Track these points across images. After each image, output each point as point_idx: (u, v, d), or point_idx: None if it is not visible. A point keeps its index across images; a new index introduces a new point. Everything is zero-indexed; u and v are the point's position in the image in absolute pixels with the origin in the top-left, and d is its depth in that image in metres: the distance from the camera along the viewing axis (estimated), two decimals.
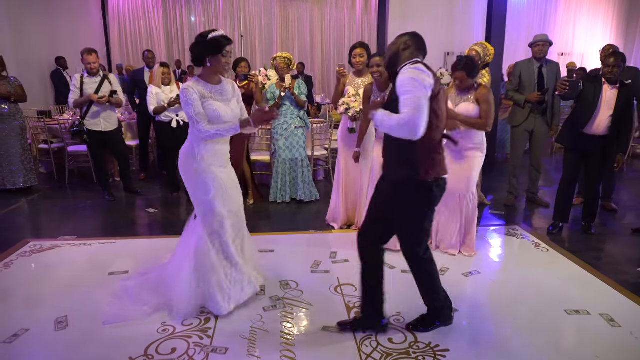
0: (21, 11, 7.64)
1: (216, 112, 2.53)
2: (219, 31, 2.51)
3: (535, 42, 4.63)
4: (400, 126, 2.10)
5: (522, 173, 5.32)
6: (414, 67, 2.16)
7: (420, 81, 2.10)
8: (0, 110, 5.11)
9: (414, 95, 2.08)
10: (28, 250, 3.66)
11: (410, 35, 2.33)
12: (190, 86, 2.50)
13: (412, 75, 2.12)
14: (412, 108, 2.07)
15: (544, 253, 3.67)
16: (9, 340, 2.44)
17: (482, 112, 3.34)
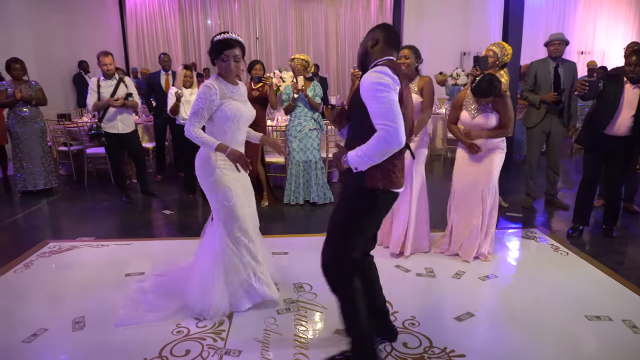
0: (42, 17, 7.81)
1: (238, 111, 2.56)
2: (228, 34, 2.49)
3: (551, 41, 4.54)
4: (381, 144, 1.89)
5: (540, 174, 5.23)
6: (377, 70, 1.95)
7: (385, 84, 1.90)
8: (22, 113, 5.22)
9: (382, 102, 1.89)
10: (47, 251, 3.73)
11: (379, 28, 2.12)
12: (212, 84, 2.51)
13: (375, 79, 1.92)
14: (384, 117, 1.87)
15: (564, 256, 3.59)
16: (28, 340, 2.49)
17: (502, 119, 3.31)
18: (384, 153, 1.92)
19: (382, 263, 3.41)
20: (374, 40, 2.09)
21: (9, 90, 5.14)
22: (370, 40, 2.10)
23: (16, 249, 3.82)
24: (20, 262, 3.50)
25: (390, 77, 1.93)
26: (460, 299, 2.92)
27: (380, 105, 1.89)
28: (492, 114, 3.32)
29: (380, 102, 1.89)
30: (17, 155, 5.28)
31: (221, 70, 2.55)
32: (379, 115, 1.90)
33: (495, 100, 3.31)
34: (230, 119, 2.54)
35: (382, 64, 2.01)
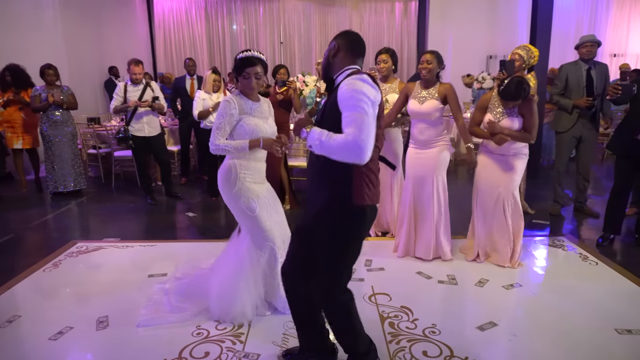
0: (75, 25, 8.07)
1: (257, 127, 2.58)
2: (251, 51, 2.55)
3: (583, 43, 4.40)
4: (344, 149, 1.73)
5: (569, 181, 5.08)
6: (358, 77, 1.82)
7: (366, 95, 1.77)
8: (54, 117, 5.40)
9: (359, 112, 1.73)
10: (75, 251, 3.83)
11: (341, 36, 1.98)
12: (233, 99, 2.56)
13: (356, 87, 1.78)
14: (357, 128, 1.71)
15: (593, 266, 3.47)
16: (54, 338, 2.56)
17: (526, 124, 3.24)
18: (342, 157, 1.76)
19: (404, 269, 3.41)
20: (335, 49, 1.97)
21: (43, 95, 5.32)
22: (332, 49, 1.98)
23: (46, 248, 3.94)
24: (50, 262, 3.60)
25: (373, 88, 1.82)
26: (482, 308, 2.86)
27: (356, 115, 1.74)
28: (518, 118, 3.26)
29: (357, 112, 1.75)
30: (49, 158, 5.46)
31: (243, 86, 2.60)
32: (351, 125, 1.74)
33: (521, 104, 3.24)
34: (249, 134, 2.57)
35: (353, 72, 1.89)
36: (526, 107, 3.24)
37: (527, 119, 3.24)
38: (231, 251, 2.78)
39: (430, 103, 3.36)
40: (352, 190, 1.87)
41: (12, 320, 2.74)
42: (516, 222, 3.40)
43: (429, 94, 3.38)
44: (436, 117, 3.38)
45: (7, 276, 3.33)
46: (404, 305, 2.87)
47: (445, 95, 3.33)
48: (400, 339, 2.51)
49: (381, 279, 3.26)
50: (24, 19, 6.81)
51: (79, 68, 8.16)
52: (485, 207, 3.45)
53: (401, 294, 3.03)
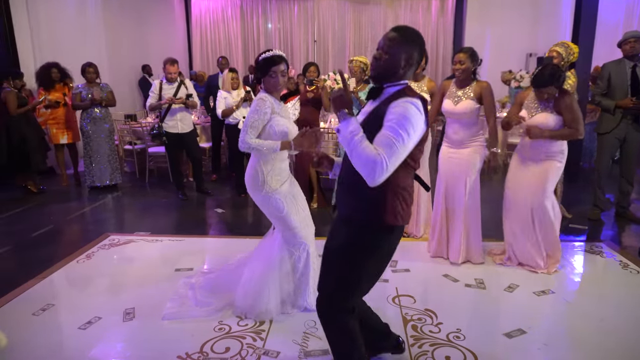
0: (116, 25, 8.34)
1: (285, 128, 2.60)
2: (272, 51, 2.56)
3: (626, 40, 4.16)
4: (366, 162, 1.64)
5: (611, 184, 4.82)
6: (412, 102, 1.70)
7: (413, 124, 1.67)
8: (94, 114, 5.60)
9: (397, 138, 1.65)
10: (107, 244, 3.96)
11: (416, 43, 1.79)
12: (267, 97, 2.57)
13: (407, 113, 1.67)
14: (387, 153, 1.64)
15: (633, 275, 3.27)
16: (83, 327, 2.64)
17: (567, 120, 3.07)
18: (356, 165, 1.68)
19: (430, 272, 3.34)
20: (409, 61, 1.79)
21: (83, 93, 5.53)
22: (405, 58, 1.78)
23: (81, 240, 4.09)
24: (83, 253, 3.73)
25: (422, 116, 1.71)
26: (511, 314, 2.75)
27: (393, 140, 1.66)
28: (553, 114, 3.10)
29: (395, 137, 1.66)
30: (87, 153, 5.67)
31: (269, 86, 2.60)
32: (385, 146, 1.65)
33: (557, 100, 3.08)
34: (277, 134, 2.59)
35: (410, 91, 1.76)
36: (563, 102, 3.07)
37: (567, 114, 3.07)
38: (264, 248, 2.81)
39: (464, 103, 3.26)
40: (386, 209, 1.78)
41: (46, 309, 2.85)
42: (548, 234, 3.24)
43: (464, 93, 3.28)
44: (471, 117, 3.28)
45: (44, 266, 3.48)
46: (428, 308, 2.80)
47: (481, 95, 3.22)
48: (422, 342, 2.45)
49: (406, 280, 3.20)
50: (67, 17, 7.09)
51: (118, 66, 8.43)
52: (513, 216, 3.32)
53: (426, 297, 2.96)
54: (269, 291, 2.67)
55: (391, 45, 1.78)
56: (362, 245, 1.82)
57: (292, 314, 2.73)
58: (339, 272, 1.88)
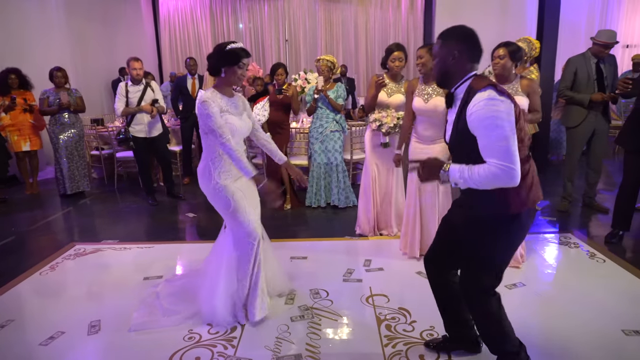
0: (81, 26, 8.07)
1: (233, 126, 2.51)
2: (238, 43, 2.49)
3: (603, 44, 4.12)
4: (493, 180, 1.70)
5: (579, 176, 4.93)
6: (488, 96, 1.70)
7: (504, 114, 1.68)
8: (62, 119, 5.42)
9: (498, 139, 1.67)
10: (73, 254, 3.81)
11: (459, 38, 1.83)
12: (210, 98, 2.47)
13: (490, 109, 1.68)
14: (500, 157, 1.67)
15: (600, 264, 3.34)
16: (44, 343, 2.52)
17: (533, 104, 3.11)
18: (495, 185, 1.74)
19: (403, 270, 3.33)
20: (453, 54, 1.82)
21: (51, 98, 5.34)
22: (449, 55, 1.83)
23: (46, 250, 3.93)
24: (47, 265, 3.59)
25: (503, 102, 1.70)
26: None
27: (496, 142, 1.69)
28: (525, 98, 3.12)
29: (496, 139, 1.69)
30: (57, 160, 5.48)
31: (232, 78, 2.51)
32: (494, 154, 1.69)
33: (525, 85, 3.13)
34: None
35: (478, 84, 1.78)
36: (528, 85, 3.11)
37: (533, 98, 3.10)
38: (216, 250, 2.74)
39: (435, 101, 3.24)
40: (511, 201, 1.81)
41: (5, 325, 2.72)
42: None
43: (434, 90, 3.27)
44: (443, 114, 3.26)
45: (4, 279, 3.32)
46: (402, 307, 2.79)
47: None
48: (396, 342, 2.44)
49: (380, 279, 3.18)
50: (28, 20, 6.82)
51: (84, 69, 8.18)
52: None
53: (399, 296, 2.95)
54: (225, 297, 2.60)
55: (436, 49, 1.89)
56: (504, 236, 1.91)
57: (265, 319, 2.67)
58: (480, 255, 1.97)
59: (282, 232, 4.21)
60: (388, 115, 3.53)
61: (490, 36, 10.00)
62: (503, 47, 3.13)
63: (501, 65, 3.11)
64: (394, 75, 3.77)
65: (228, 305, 2.62)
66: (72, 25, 7.79)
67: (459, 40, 1.83)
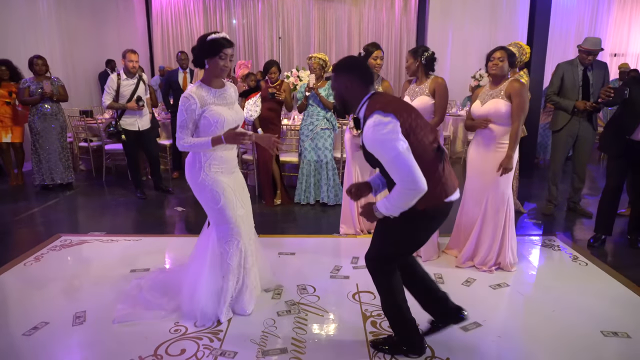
0: (70, 17, 7.99)
1: (221, 117, 2.47)
2: (221, 33, 2.45)
3: (586, 50, 4.19)
4: (405, 198, 1.89)
5: (564, 180, 5.01)
6: (374, 122, 1.87)
7: (389, 136, 1.85)
8: (44, 109, 5.33)
9: (390, 156, 1.86)
10: (59, 245, 3.78)
11: (348, 69, 2.03)
12: (192, 94, 2.43)
13: (376, 135, 1.86)
14: (397, 172, 1.86)
15: (582, 267, 3.41)
16: (28, 333, 2.51)
17: (515, 107, 3.06)
18: (411, 202, 1.91)
19: None
20: (345, 85, 2.02)
21: (32, 87, 5.25)
22: (342, 86, 2.04)
23: (30, 242, 3.89)
24: (31, 255, 3.55)
25: (387, 124, 1.87)
26: (468, 308, 2.72)
27: (392, 163, 1.87)
28: (504, 101, 3.06)
29: (390, 159, 1.87)
30: (36, 151, 5.39)
31: (216, 70, 2.47)
32: (395, 174, 1.88)
33: (510, 86, 3.07)
34: (214, 125, 2.46)
35: (369, 109, 1.95)
36: (514, 86, 3.06)
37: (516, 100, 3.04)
38: (200, 246, 2.71)
39: (419, 99, 3.31)
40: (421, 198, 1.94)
41: None
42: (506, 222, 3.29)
43: (420, 90, 3.33)
44: (425, 113, 3.30)
45: None
46: None
47: (434, 90, 3.26)
48: (381, 338, 2.46)
49: (367, 276, 3.10)
50: (17, 11, 6.73)
51: (73, 61, 8.10)
52: (471, 205, 3.38)
53: None
54: (207, 293, 2.58)
55: (332, 83, 2.09)
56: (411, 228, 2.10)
57: (251, 314, 2.68)
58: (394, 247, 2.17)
59: (270, 228, 4.22)
60: None
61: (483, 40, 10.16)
62: (501, 50, 3.14)
63: (500, 67, 3.11)
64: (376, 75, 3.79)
65: (209, 302, 2.59)
66: (61, 18, 7.71)
67: (349, 71, 2.03)
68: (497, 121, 3.11)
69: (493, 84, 3.19)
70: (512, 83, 3.08)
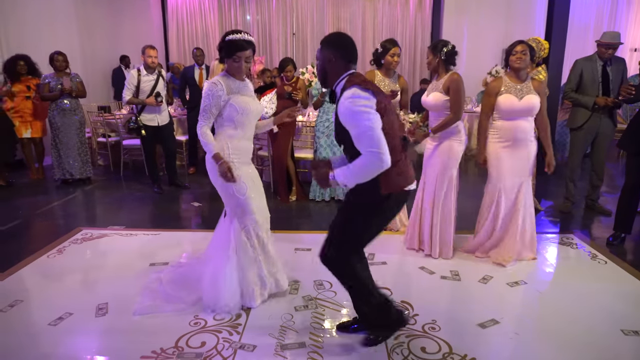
0: (88, 13, 8.10)
1: (247, 106, 2.56)
2: (241, 34, 2.48)
3: (607, 44, 4.16)
4: (366, 169, 1.93)
5: (582, 178, 4.95)
6: (351, 94, 1.94)
7: (362, 109, 1.91)
8: (63, 105, 5.42)
9: (364, 127, 1.91)
10: (80, 238, 3.86)
11: (332, 45, 2.09)
12: (218, 81, 2.52)
13: (351, 106, 1.92)
14: (370, 143, 1.90)
15: (602, 265, 3.38)
16: (53, 323, 2.57)
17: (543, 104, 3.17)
18: (371, 175, 1.96)
19: (407, 264, 3.37)
20: (329, 58, 2.08)
21: (52, 83, 5.34)
22: (325, 60, 2.09)
23: (52, 234, 3.98)
24: (54, 248, 3.64)
25: (365, 98, 1.93)
26: (485, 305, 2.80)
27: (363, 133, 1.92)
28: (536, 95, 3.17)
29: (362, 130, 1.92)
30: (56, 146, 5.49)
31: (232, 69, 2.56)
32: (362, 142, 1.93)
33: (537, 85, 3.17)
34: (240, 112, 2.55)
35: (348, 83, 2.00)
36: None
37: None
38: (217, 238, 2.76)
39: (433, 95, 3.29)
40: (380, 183, 2.04)
41: (14, 305, 2.77)
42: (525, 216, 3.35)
43: (435, 86, 3.32)
44: (439, 109, 3.28)
45: (13, 261, 3.37)
46: (404, 300, 2.83)
47: (449, 87, 3.24)
48: (398, 334, 2.47)
49: (383, 273, 3.22)
50: (36, 9, 6.84)
51: (92, 56, 8.21)
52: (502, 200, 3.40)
53: (402, 289, 2.99)
54: (230, 284, 2.63)
55: (317, 54, 2.16)
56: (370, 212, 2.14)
57: (269, 307, 2.71)
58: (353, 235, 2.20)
59: (286, 223, 4.26)
60: (402, 120, 3.54)
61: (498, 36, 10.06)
62: (522, 44, 3.18)
63: (524, 60, 3.15)
64: (387, 72, 3.76)
65: (230, 293, 2.64)
66: (79, 13, 7.81)
67: (334, 47, 2.09)
68: (528, 116, 3.20)
69: (518, 79, 3.20)
70: (536, 81, 3.19)
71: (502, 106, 3.21)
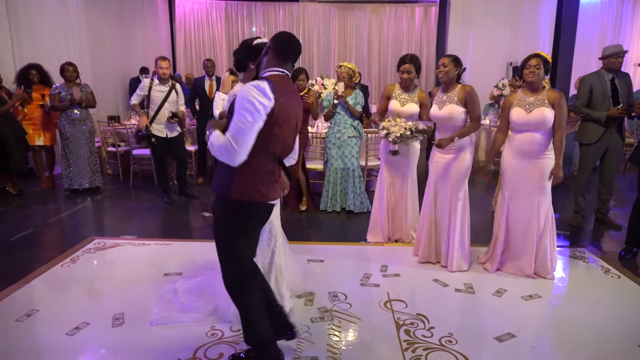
0: (99, 25, 8.20)
1: None
2: (264, 38, 2.56)
3: (615, 54, 4.25)
4: (221, 151, 1.95)
5: (591, 191, 4.96)
6: (254, 84, 1.94)
7: (254, 105, 1.90)
8: (73, 115, 5.48)
9: (240, 120, 1.91)
10: (92, 247, 3.87)
11: (275, 38, 2.13)
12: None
13: (248, 94, 1.92)
14: (233, 135, 1.91)
15: (615, 279, 3.38)
16: (70, 333, 2.58)
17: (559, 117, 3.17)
18: (220, 158, 1.98)
19: (420, 276, 3.37)
20: (266, 49, 2.11)
21: (62, 94, 5.40)
22: (264, 48, 2.13)
23: (63, 244, 3.99)
24: (67, 257, 3.65)
25: (266, 97, 1.92)
26: (500, 318, 2.80)
27: (236, 120, 1.92)
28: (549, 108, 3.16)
29: (238, 118, 1.92)
30: (65, 155, 5.54)
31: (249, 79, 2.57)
32: (231, 130, 1.93)
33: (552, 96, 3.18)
34: None
35: (266, 77, 2.02)
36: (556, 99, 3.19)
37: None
38: None
39: (448, 108, 3.32)
40: (233, 187, 2.03)
41: (30, 314, 2.78)
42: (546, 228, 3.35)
43: (448, 98, 3.34)
44: (456, 121, 3.32)
45: (25, 270, 3.38)
46: (419, 312, 2.83)
47: (465, 99, 3.28)
48: (416, 347, 2.48)
49: (396, 285, 3.22)
50: (49, 19, 6.93)
51: (101, 67, 8.28)
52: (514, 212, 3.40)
53: (417, 302, 2.99)
54: None
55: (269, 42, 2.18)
56: (228, 218, 2.12)
57: None
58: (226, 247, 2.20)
59: (297, 234, 4.26)
60: (396, 125, 3.58)
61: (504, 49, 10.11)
62: (537, 57, 3.20)
63: (537, 74, 3.18)
64: (405, 86, 3.80)
65: None
66: (90, 23, 7.91)
67: (279, 43, 2.11)
68: (540, 129, 3.19)
69: (530, 91, 3.23)
70: (552, 92, 3.19)
71: (513, 119, 3.28)
